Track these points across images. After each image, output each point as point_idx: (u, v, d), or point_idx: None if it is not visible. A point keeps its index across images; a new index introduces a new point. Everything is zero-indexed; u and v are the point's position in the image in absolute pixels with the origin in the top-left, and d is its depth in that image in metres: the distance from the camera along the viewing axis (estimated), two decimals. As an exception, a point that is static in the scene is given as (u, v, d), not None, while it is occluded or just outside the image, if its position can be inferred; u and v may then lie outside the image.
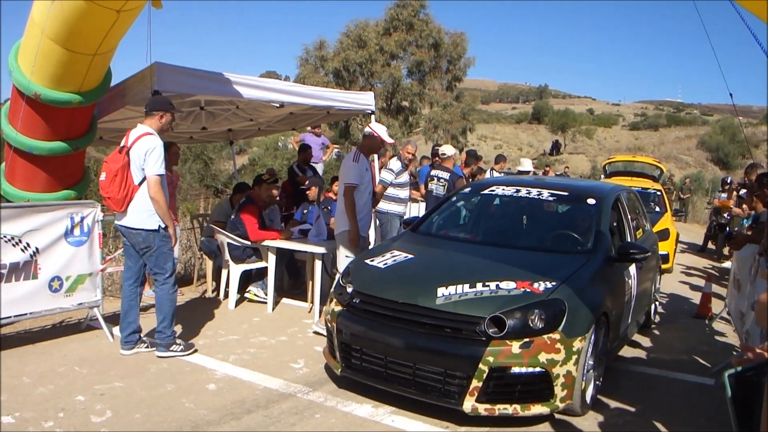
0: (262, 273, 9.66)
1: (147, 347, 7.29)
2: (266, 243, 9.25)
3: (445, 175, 11.61)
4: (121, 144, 7.05)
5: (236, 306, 9.46)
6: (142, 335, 7.38)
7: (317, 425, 5.57)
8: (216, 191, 28.18)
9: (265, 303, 9.49)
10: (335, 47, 40.41)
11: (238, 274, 9.43)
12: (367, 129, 8.80)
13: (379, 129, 8.55)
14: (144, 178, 6.91)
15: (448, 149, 12.37)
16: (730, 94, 8.42)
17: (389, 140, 8.58)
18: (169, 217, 7.08)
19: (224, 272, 9.83)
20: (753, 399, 1.42)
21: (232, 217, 9.60)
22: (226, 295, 9.66)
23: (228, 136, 13.26)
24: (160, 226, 6.99)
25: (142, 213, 6.96)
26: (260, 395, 6.18)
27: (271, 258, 9.25)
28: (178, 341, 7.35)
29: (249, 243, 9.27)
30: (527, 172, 15.72)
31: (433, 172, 11.90)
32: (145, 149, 6.84)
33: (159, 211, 6.94)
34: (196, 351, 7.40)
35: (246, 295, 9.78)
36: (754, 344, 6.74)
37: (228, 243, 9.35)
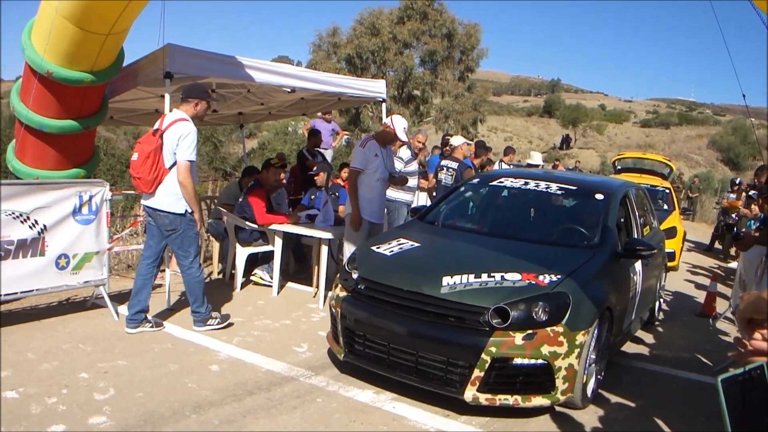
0: (268, 257, 9.69)
1: (152, 327, 7.36)
2: (273, 227, 9.26)
3: (454, 164, 11.62)
4: (155, 127, 7.18)
5: (242, 288, 9.50)
6: (149, 315, 7.43)
7: (318, 409, 5.60)
8: (225, 174, 28.27)
9: (271, 286, 9.52)
10: (348, 34, 40.43)
11: (244, 257, 9.46)
12: (386, 119, 8.87)
13: (397, 123, 8.61)
14: (175, 162, 7.07)
15: (456, 140, 12.36)
16: (743, 95, 8.40)
17: (403, 138, 8.62)
18: (196, 202, 7.22)
19: (230, 255, 9.86)
20: (746, 403, 1.43)
21: (240, 200, 9.62)
22: (232, 278, 9.70)
23: (238, 120, 13.28)
24: (186, 210, 7.15)
25: (171, 196, 7.09)
26: (263, 378, 6.22)
27: (278, 242, 9.27)
28: (214, 314, 7.58)
29: (256, 226, 9.28)
30: (537, 166, 15.72)
31: (443, 162, 11.90)
32: (178, 134, 7.00)
33: (186, 196, 7.10)
34: (231, 324, 7.64)
35: (252, 278, 9.81)
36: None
37: (235, 226, 9.38)
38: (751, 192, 14.31)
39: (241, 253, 9.45)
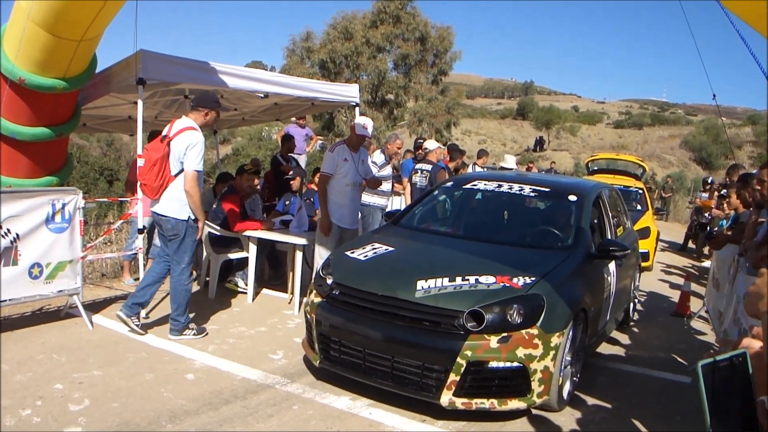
0: (242, 263, 9.65)
1: (137, 326, 7.42)
2: (247, 233, 9.23)
3: (428, 167, 11.64)
4: (164, 133, 7.26)
5: (216, 296, 9.44)
6: (143, 313, 7.62)
7: (295, 417, 5.58)
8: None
9: (246, 293, 9.48)
10: (322, 39, 40.40)
11: (218, 264, 9.42)
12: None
13: (357, 121, 8.67)
14: (181, 170, 7.15)
15: (430, 144, 12.39)
16: (713, 95, 8.48)
17: (360, 131, 8.53)
18: (201, 210, 7.30)
19: (205, 262, 9.82)
20: (726, 390, 1.44)
21: (214, 206, 9.59)
22: (207, 285, 9.65)
23: (212, 126, 13.21)
24: (190, 217, 7.23)
25: (175, 202, 7.17)
26: (238, 386, 6.18)
27: (252, 248, 9.24)
28: (191, 326, 7.55)
29: (230, 233, 9.25)
30: (510, 170, 15.76)
31: (417, 166, 11.91)
32: (186, 143, 7.07)
33: (192, 205, 7.19)
34: (207, 334, 7.58)
35: (226, 285, 9.77)
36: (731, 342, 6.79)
37: (209, 232, 9.33)
38: (723, 191, 14.42)
39: (216, 260, 9.42)
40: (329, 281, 6.31)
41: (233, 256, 9.52)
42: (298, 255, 8.88)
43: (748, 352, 1.54)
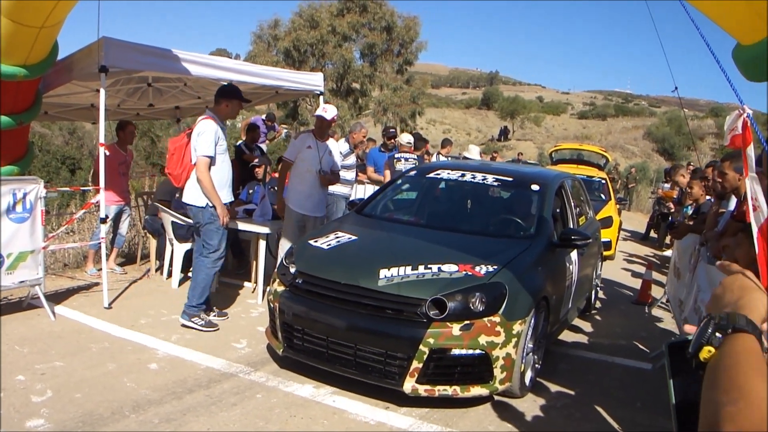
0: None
1: (214, 317, 7.80)
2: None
3: (414, 156, 11.78)
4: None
5: (180, 285, 9.39)
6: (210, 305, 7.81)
7: (258, 405, 5.58)
8: (162, 169, 27.96)
9: (209, 283, 9.40)
10: (287, 27, 40.28)
11: (182, 254, 9.37)
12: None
13: (320, 106, 8.68)
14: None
15: (407, 137, 12.52)
16: (675, 88, 8.56)
17: (318, 112, 8.64)
18: (215, 196, 7.37)
19: (168, 251, 9.76)
20: (691, 370, 1.46)
21: (177, 195, 9.50)
22: (170, 275, 9.60)
23: (175, 114, 13.09)
24: (207, 204, 7.36)
25: (193, 189, 7.42)
26: (202, 375, 6.17)
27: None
28: (203, 316, 7.57)
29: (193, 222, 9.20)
30: (473, 160, 15.82)
31: (398, 155, 11.94)
32: (197, 132, 7.33)
33: (204, 191, 7.32)
34: (218, 329, 7.55)
35: (189, 274, 9.69)
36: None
37: (172, 222, 9.27)
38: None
39: (179, 250, 9.36)
40: (292, 270, 6.31)
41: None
42: (262, 244, 8.87)
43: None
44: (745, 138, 2.01)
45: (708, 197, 8.84)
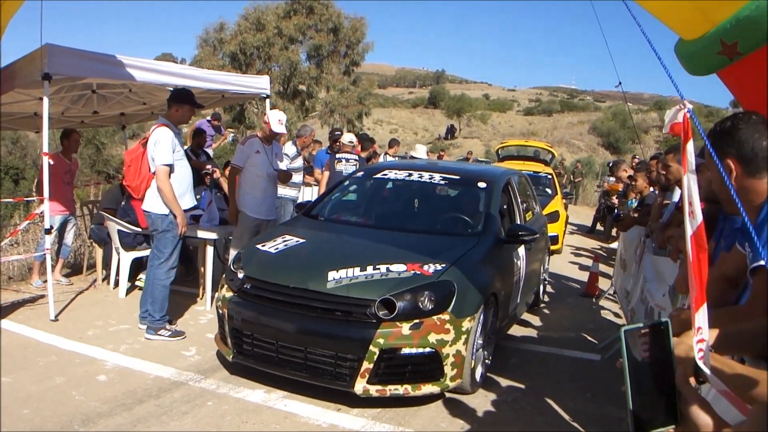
0: (154, 261, 9.51)
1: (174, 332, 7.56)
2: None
3: (355, 156, 11.78)
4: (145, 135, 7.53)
5: (127, 294, 9.25)
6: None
7: (210, 413, 5.53)
8: (108, 177, 27.61)
9: (157, 291, 9.30)
10: (233, 30, 40.08)
11: (128, 262, 9.25)
12: (266, 116, 8.91)
13: (272, 117, 8.64)
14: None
15: (348, 137, 12.52)
16: (619, 83, 8.70)
17: (277, 129, 8.60)
18: (176, 205, 7.32)
19: (114, 260, 9.64)
20: (647, 356, 1.49)
21: (123, 203, 9.41)
22: (117, 284, 9.46)
23: (120, 121, 12.93)
24: (169, 211, 7.32)
25: (154, 198, 7.36)
26: (152, 384, 6.09)
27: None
28: (168, 326, 7.48)
29: (140, 230, 9.08)
30: (420, 159, 15.86)
31: (339, 155, 11.94)
32: (153, 141, 7.26)
33: (165, 199, 7.27)
34: (184, 338, 7.46)
35: (137, 283, 9.57)
36: (638, 322, 6.99)
37: (118, 230, 9.15)
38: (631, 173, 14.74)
39: (126, 258, 9.24)
40: (240, 275, 6.27)
41: (143, 253, 9.36)
42: (209, 250, 8.80)
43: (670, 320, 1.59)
44: (686, 133, 2.03)
45: (652, 189, 8.97)
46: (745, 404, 1.86)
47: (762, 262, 2.52)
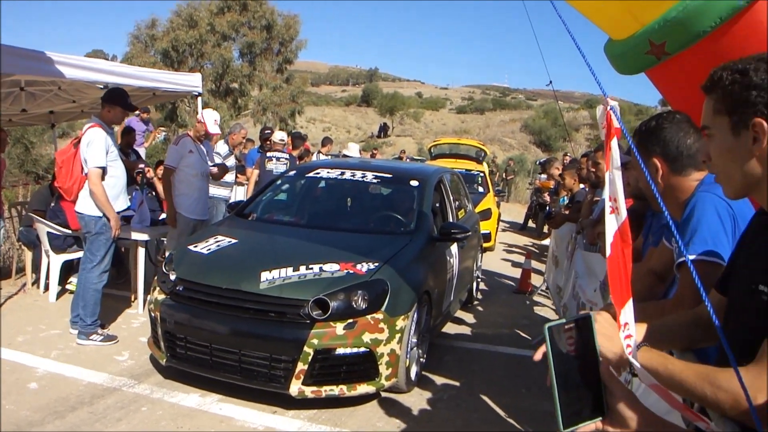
0: (84, 264, 9.35)
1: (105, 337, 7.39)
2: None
3: (286, 155, 11.73)
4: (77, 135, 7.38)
5: (58, 298, 9.05)
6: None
7: (144, 418, 5.46)
8: (37, 177, 27.06)
9: (88, 294, 9.14)
10: (165, 27, 39.61)
11: (59, 265, 9.07)
12: (199, 114, 8.95)
13: (207, 117, 8.65)
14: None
15: (279, 134, 12.48)
16: (550, 82, 8.82)
17: (213, 130, 8.58)
18: (109, 208, 7.19)
19: (44, 263, 9.45)
20: (571, 351, 1.52)
21: (52, 204, 9.24)
22: (47, 288, 9.27)
23: (49, 119, 12.69)
24: (103, 214, 7.18)
25: (87, 199, 7.20)
26: (84, 391, 5.98)
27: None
28: (100, 331, 7.35)
29: (70, 232, 8.93)
30: (353, 157, 15.89)
31: (269, 154, 11.88)
32: (86, 141, 7.12)
33: (97, 203, 7.13)
34: (117, 342, 7.33)
35: (68, 286, 9.39)
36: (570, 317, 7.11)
37: (48, 232, 8.98)
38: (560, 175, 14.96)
39: (56, 261, 9.06)
40: (172, 277, 6.19)
41: (74, 255, 9.20)
42: (141, 251, 8.68)
43: (593, 314, 1.62)
44: (609, 130, 2.07)
45: (582, 186, 9.11)
46: (674, 397, 1.90)
47: (687, 257, 2.58)
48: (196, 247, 6.58)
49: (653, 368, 1.95)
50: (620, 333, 1.94)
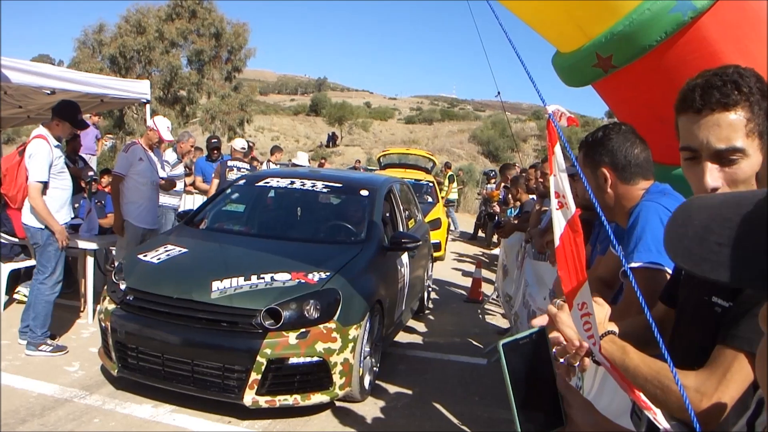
0: (31, 272, 9.20)
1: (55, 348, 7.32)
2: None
3: (246, 164, 11.71)
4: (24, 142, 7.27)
5: (5, 308, 8.93)
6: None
7: (96, 430, 5.42)
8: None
9: (35, 305, 9.01)
10: (113, 32, 39.21)
11: (6, 274, 8.94)
12: (150, 121, 8.90)
13: (160, 124, 8.65)
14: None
15: (240, 142, 12.49)
16: (498, 93, 8.92)
17: (166, 137, 8.59)
18: (52, 221, 7.10)
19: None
20: (526, 365, 1.55)
21: (-2, 213, 9.13)
22: (-6, 299, 9.16)
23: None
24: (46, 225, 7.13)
25: (33, 210, 7.11)
26: (34, 403, 5.90)
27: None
28: (49, 342, 7.27)
29: (17, 240, 8.82)
30: (302, 166, 15.90)
31: (230, 163, 11.83)
32: (29, 153, 7.05)
33: (39, 216, 7.06)
34: (67, 352, 7.23)
35: (15, 296, 9.27)
36: (522, 325, 7.20)
37: (-6, 242, 8.88)
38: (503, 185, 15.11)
39: (3, 270, 8.94)
40: (122, 287, 6.14)
41: (21, 264, 9.09)
42: (90, 260, 8.59)
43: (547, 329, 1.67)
44: (551, 138, 2.13)
45: (531, 197, 9.22)
46: (628, 381, 1.96)
47: (632, 265, 2.65)
48: (146, 256, 6.53)
49: (612, 359, 2.01)
50: (576, 313, 1.98)
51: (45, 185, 7.07)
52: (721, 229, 0.88)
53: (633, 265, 2.71)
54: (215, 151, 12.84)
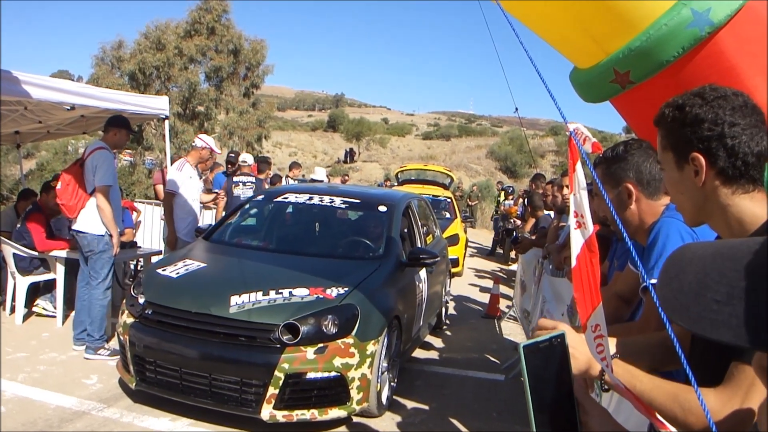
0: (50, 285, 9.25)
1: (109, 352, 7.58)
2: (54, 253, 8.86)
3: (252, 179, 11.72)
4: (80, 156, 7.65)
5: (24, 321, 8.97)
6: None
7: (113, 442, 5.44)
8: (2, 198, 26.78)
9: (55, 317, 9.01)
10: (132, 49, 39.43)
11: (25, 287, 8.99)
12: (197, 140, 9.35)
13: (208, 140, 9.20)
14: (95, 188, 7.51)
15: (248, 157, 12.50)
16: (516, 108, 8.93)
17: (218, 150, 8.84)
18: (114, 226, 7.60)
19: (10, 285, 9.36)
20: (546, 369, 1.55)
21: (18, 226, 9.17)
22: (13, 310, 9.16)
23: (15, 139, 12.59)
24: (105, 232, 7.56)
25: (90, 218, 7.54)
26: (52, 415, 5.92)
27: (60, 269, 8.86)
28: (107, 346, 7.53)
29: (36, 253, 8.87)
30: (320, 182, 15.92)
31: (236, 179, 11.86)
32: (95, 162, 7.48)
33: (104, 219, 7.52)
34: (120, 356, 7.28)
35: (34, 309, 9.31)
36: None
37: (13, 254, 8.92)
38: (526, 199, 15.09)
39: (22, 283, 8.99)
40: (141, 301, 6.17)
41: (40, 278, 9.14)
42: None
43: (566, 332, 1.66)
44: (572, 155, 2.14)
45: (547, 212, 9.20)
46: (642, 402, 1.95)
47: (653, 281, 2.63)
48: (164, 270, 6.56)
49: (621, 383, 2.01)
50: (590, 335, 1.98)
51: (110, 190, 7.51)
52: (717, 285, 0.88)
53: (654, 281, 2.70)
54: (233, 166, 12.90)
